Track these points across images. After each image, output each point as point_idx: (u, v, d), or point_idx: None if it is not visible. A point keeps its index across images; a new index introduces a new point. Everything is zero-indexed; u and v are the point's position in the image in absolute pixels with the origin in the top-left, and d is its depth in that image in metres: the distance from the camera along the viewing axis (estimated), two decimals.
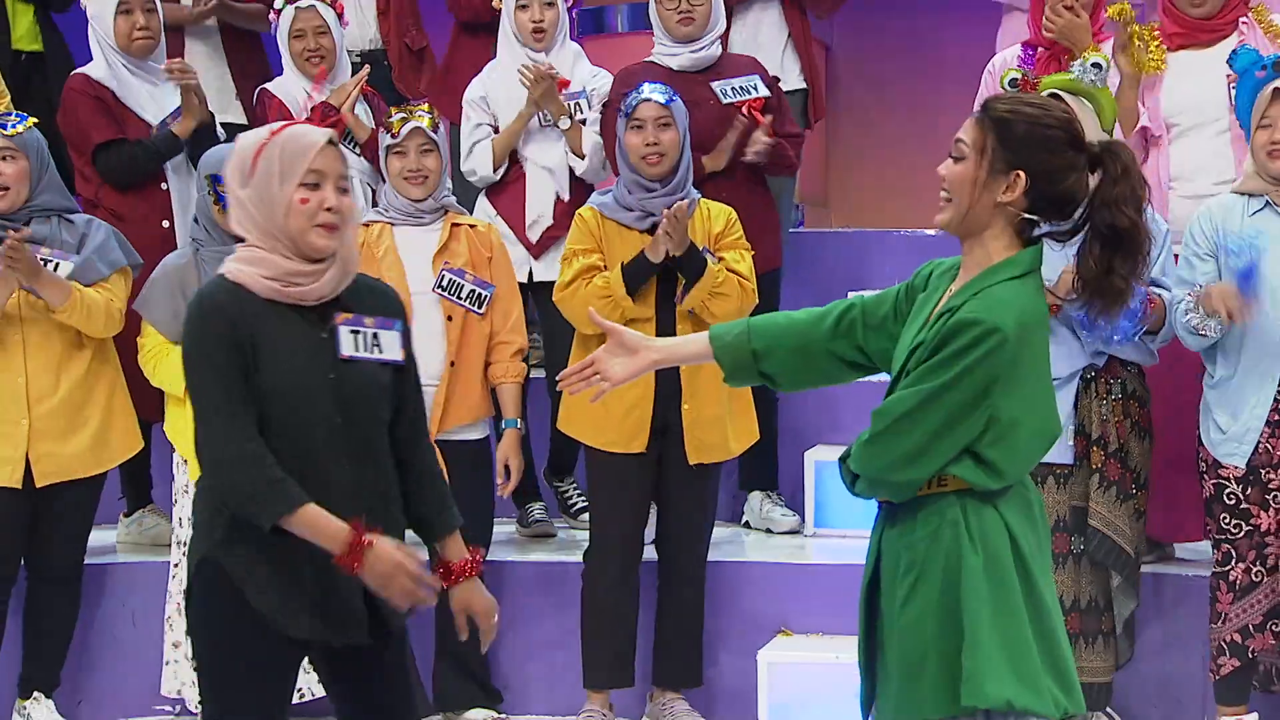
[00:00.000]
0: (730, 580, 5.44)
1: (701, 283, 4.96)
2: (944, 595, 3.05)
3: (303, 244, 3.27)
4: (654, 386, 4.99)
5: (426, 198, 5.11)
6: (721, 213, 5.15)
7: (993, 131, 3.05)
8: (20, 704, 5.28)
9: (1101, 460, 4.82)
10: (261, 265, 3.28)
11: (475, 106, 5.83)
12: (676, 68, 5.69)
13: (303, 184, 3.25)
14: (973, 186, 3.05)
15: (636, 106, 5.06)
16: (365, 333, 3.35)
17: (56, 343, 5.11)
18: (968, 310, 3.03)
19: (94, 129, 5.70)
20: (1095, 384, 4.86)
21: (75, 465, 5.15)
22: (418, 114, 5.12)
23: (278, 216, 3.26)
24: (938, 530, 3.07)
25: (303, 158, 3.26)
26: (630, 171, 5.08)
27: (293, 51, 5.88)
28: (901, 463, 3.06)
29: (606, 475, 5.10)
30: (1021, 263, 3.06)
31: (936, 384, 3.02)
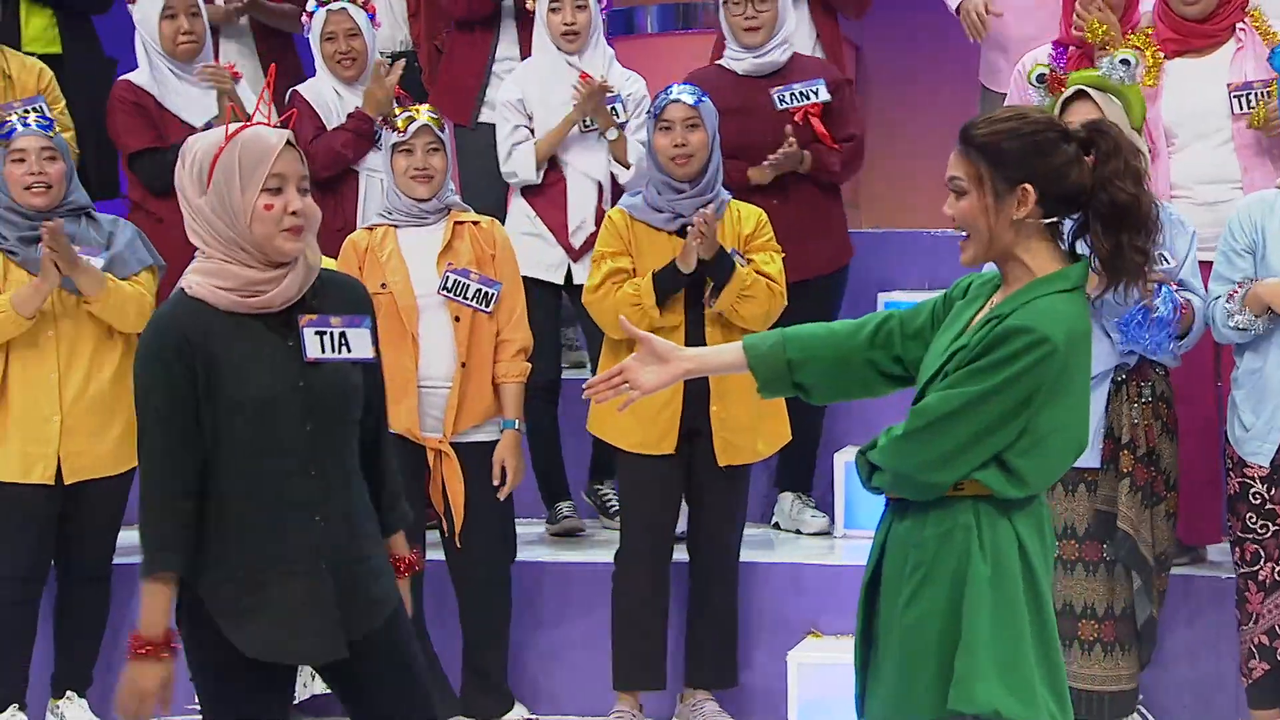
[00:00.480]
0: (760, 581, 5.43)
1: (730, 286, 4.96)
2: (950, 599, 3.04)
3: (269, 250, 3.19)
4: (683, 388, 4.99)
5: (431, 197, 5.08)
6: (751, 214, 5.14)
7: (982, 158, 3.04)
8: (53, 703, 5.31)
9: (1131, 464, 4.79)
10: (219, 277, 3.21)
11: (512, 109, 5.83)
12: (741, 72, 5.72)
13: (265, 189, 3.18)
14: (985, 216, 3.04)
15: (665, 107, 5.06)
16: (332, 332, 3.27)
17: (88, 341, 5.15)
18: (1018, 318, 3.00)
19: (130, 136, 5.77)
20: (1126, 387, 4.82)
21: (105, 463, 5.18)
22: (423, 112, 5.09)
23: (241, 224, 3.18)
24: (949, 533, 3.05)
25: (263, 162, 3.17)
26: (659, 173, 5.08)
27: (324, 54, 5.90)
28: (934, 464, 3.03)
29: (636, 477, 5.09)
30: (1070, 277, 3.05)
31: (981, 388, 2.99)
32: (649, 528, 5.11)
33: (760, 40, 5.72)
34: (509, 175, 5.85)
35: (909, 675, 3.07)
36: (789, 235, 5.34)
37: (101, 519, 5.23)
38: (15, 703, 5.20)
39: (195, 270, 3.24)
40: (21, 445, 5.08)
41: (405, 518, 3.48)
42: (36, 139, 5.08)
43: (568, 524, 5.91)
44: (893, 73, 7.78)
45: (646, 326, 4.87)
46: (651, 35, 7.57)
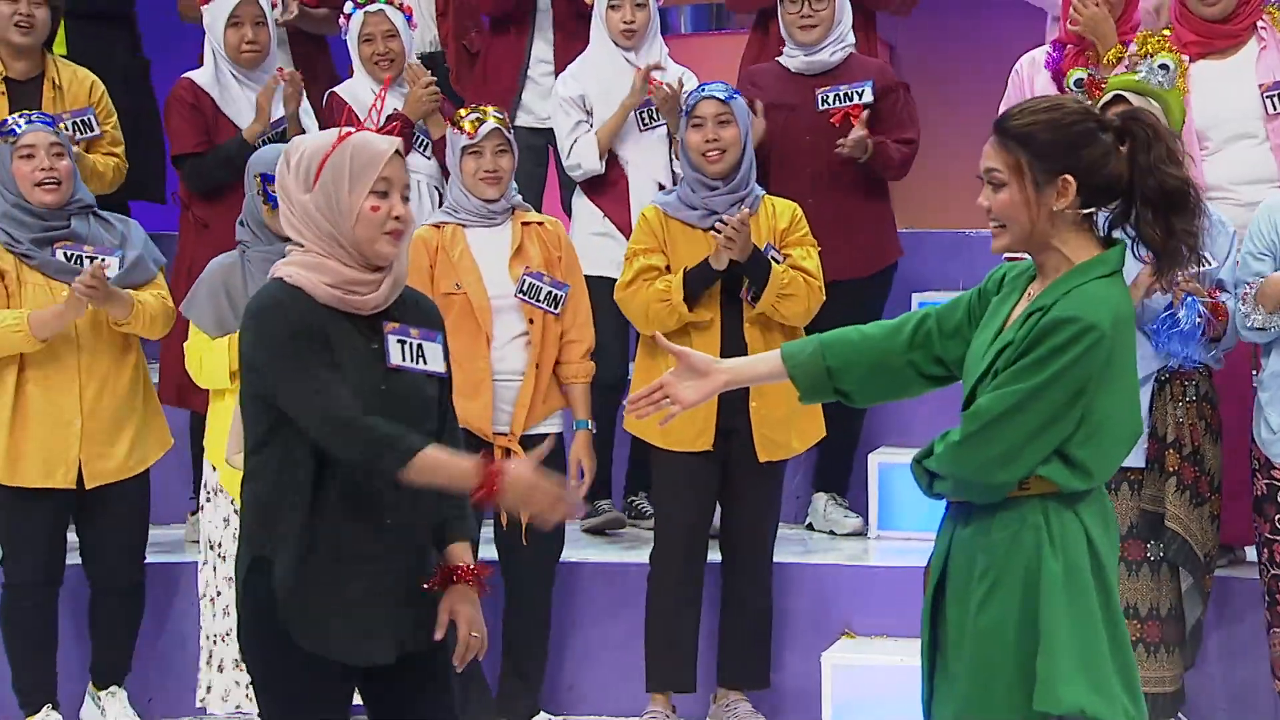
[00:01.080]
0: (794, 582, 5.42)
1: (769, 287, 4.96)
2: (1024, 601, 3.03)
3: (369, 251, 3.26)
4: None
5: (499, 198, 5.11)
6: (786, 209, 5.14)
7: (1022, 148, 3.03)
8: (95, 690, 5.32)
9: (1177, 463, 4.77)
10: (321, 271, 3.26)
11: (571, 104, 5.88)
12: (794, 70, 5.77)
13: (372, 191, 3.25)
14: (1025, 208, 3.03)
15: (697, 104, 5.07)
16: (411, 343, 3.33)
17: (107, 346, 5.16)
18: (1062, 308, 3.00)
19: (179, 137, 5.81)
20: (1170, 386, 4.80)
21: (124, 465, 5.20)
22: (491, 114, 5.12)
23: (345, 224, 3.25)
24: (1018, 534, 3.04)
25: (374, 166, 3.25)
26: (692, 170, 5.09)
27: (362, 55, 5.92)
28: (996, 464, 3.02)
29: (672, 474, 5.09)
30: (1110, 261, 3.05)
31: (1033, 383, 2.98)
32: (684, 526, 5.10)
33: (815, 39, 5.76)
34: (572, 169, 5.90)
35: (985, 679, 3.06)
36: (835, 232, 5.39)
37: (123, 523, 5.24)
38: (49, 703, 5.23)
39: (292, 262, 3.29)
40: (43, 450, 5.09)
41: (473, 530, 3.48)
42: (45, 134, 5.07)
43: (607, 517, 5.91)
44: (927, 72, 7.77)
45: (676, 323, 4.91)
46: (685, 35, 7.64)
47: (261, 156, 5.00)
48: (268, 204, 4.87)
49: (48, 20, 5.78)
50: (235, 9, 5.79)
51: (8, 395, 5.06)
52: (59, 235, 5.09)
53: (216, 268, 4.99)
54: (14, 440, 5.06)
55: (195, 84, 5.86)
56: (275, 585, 3.23)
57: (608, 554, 5.68)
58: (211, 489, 5.03)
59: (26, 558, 5.13)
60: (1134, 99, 4.71)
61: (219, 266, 4.99)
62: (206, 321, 4.96)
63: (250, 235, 4.99)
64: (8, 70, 5.78)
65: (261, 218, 4.92)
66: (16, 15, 5.69)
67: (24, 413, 5.08)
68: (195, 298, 4.99)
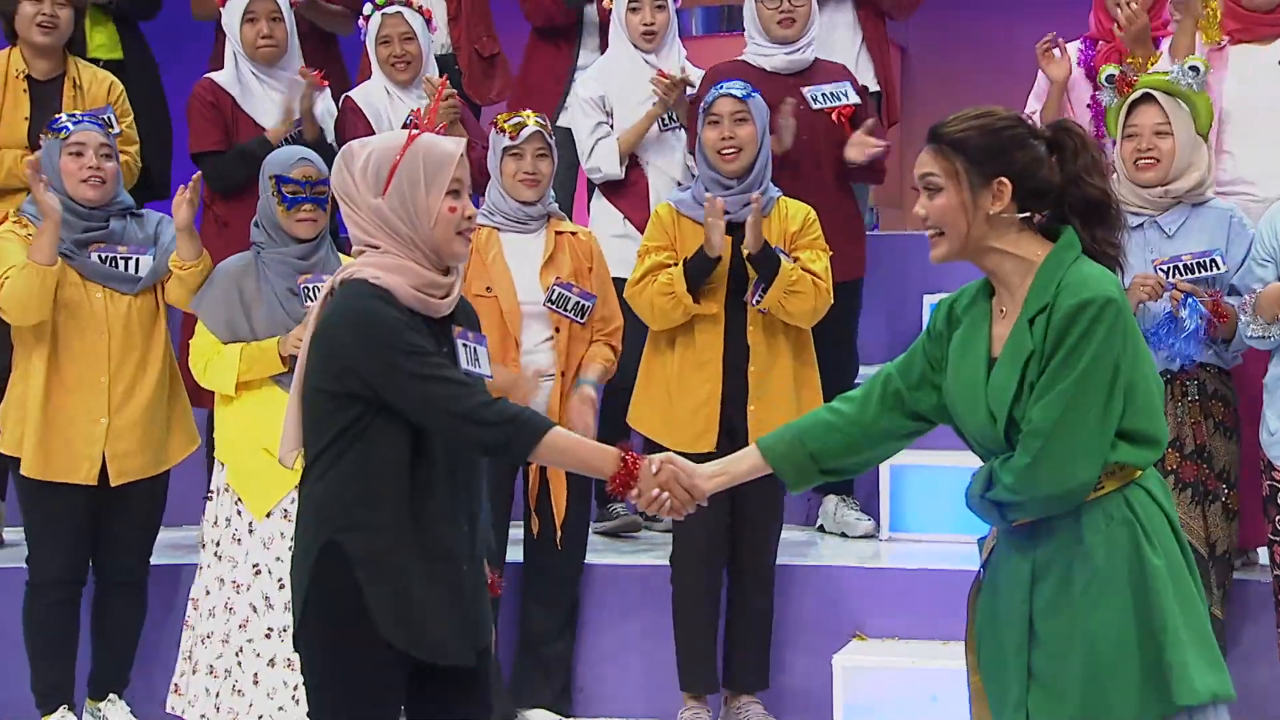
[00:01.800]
0: (805, 584, 5.40)
1: (776, 282, 4.94)
2: (1135, 599, 3.04)
3: (446, 251, 3.29)
4: (721, 386, 4.98)
5: (537, 201, 5.12)
6: (799, 211, 5.13)
7: (957, 154, 3.08)
8: (93, 705, 5.32)
9: (1177, 462, 4.78)
10: (403, 273, 3.27)
11: (592, 105, 5.89)
12: (770, 69, 5.71)
13: (448, 192, 3.28)
14: (962, 212, 3.08)
15: (714, 102, 5.07)
16: (470, 346, 3.38)
17: (137, 344, 5.18)
18: (1070, 296, 3.02)
19: (199, 136, 5.83)
20: (1171, 386, 4.81)
21: (148, 464, 5.22)
22: (533, 119, 5.13)
23: (424, 225, 3.27)
24: (1111, 534, 3.05)
25: (446, 167, 3.27)
26: (707, 168, 5.08)
27: (379, 57, 5.92)
28: (1073, 468, 3.02)
29: None
30: (1073, 245, 3.09)
31: (1076, 374, 3.00)
32: (702, 525, 5.07)
33: (794, 34, 5.73)
34: (592, 171, 5.90)
35: (1105, 682, 3.05)
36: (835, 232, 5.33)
37: (139, 520, 5.26)
38: (64, 703, 5.23)
39: (372, 264, 3.28)
40: (69, 446, 5.11)
41: (490, 541, 3.52)
42: (96, 134, 5.12)
43: (623, 520, 5.90)
44: (938, 75, 7.74)
45: (682, 315, 4.90)
46: (697, 37, 7.61)
47: (275, 158, 5.02)
48: (282, 205, 4.88)
49: (70, 20, 5.82)
50: (250, 4, 5.81)
51: (38, 390, 5.09)
52: (98, 236, 5.13)
53: (230, 268, 5.00)
54: (45, 435, 5.09)
55: (215, 84, 5.88)
56: (359, 578, 3.21)
57: (624, 557, 5.66)
58: (216, 488, 5.03)
59: (52, 553, 5.14)
60: (1162, 99, 4.78)
61: (232, 267, 5.00)
62: (216, 323, 4.96)
63: (265, 236, 4.99)
64: (30, 69, 5.82)
65: (276, 219, 4.93)
66: (40, 15, 5.74)
67: (54, 408, 5.11)
68: (206, 297, 5.00)
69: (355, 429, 3.24)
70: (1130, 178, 4.81)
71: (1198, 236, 4.81)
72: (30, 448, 5.09)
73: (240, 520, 4.94)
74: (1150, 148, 4.77)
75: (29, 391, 5.11)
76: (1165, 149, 4.77)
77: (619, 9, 5.91)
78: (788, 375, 5.03)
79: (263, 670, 4.86)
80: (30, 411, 5.10)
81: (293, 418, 3.36)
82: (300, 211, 4.92)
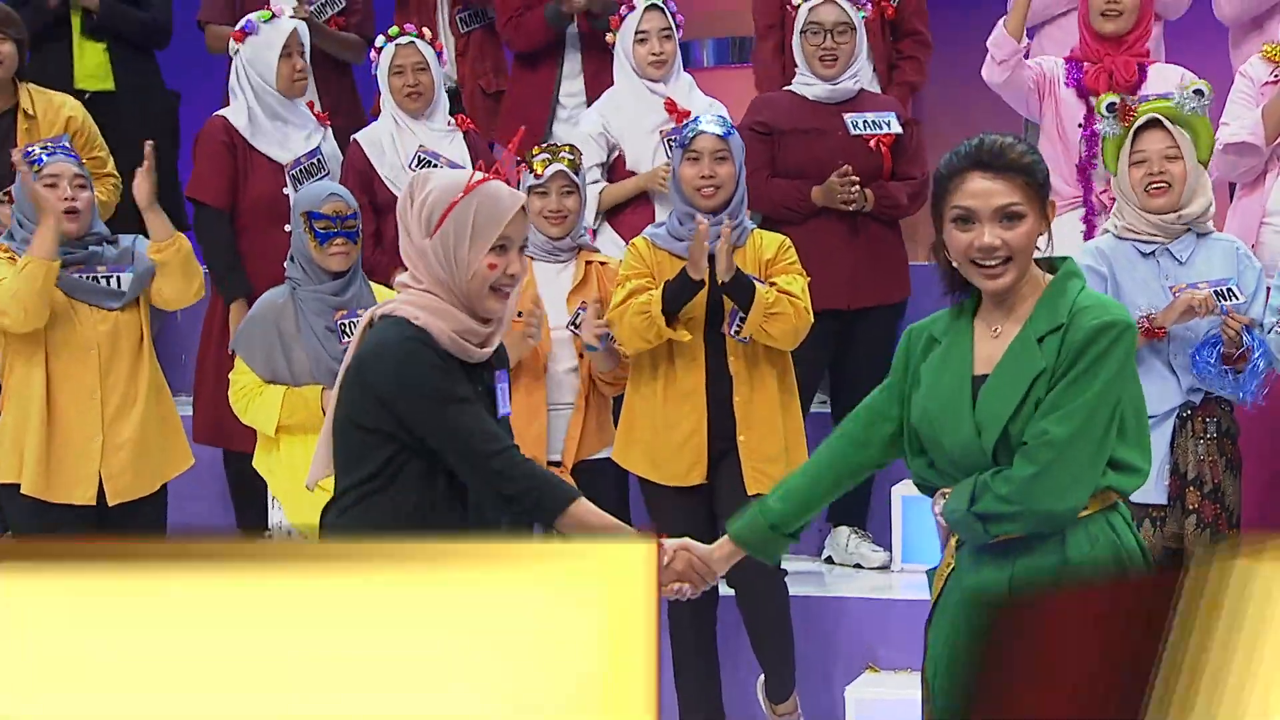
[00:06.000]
0: (817, 616, 5.36)
1: (754, 306, 4.92)
2: None
3: (477, 305, 3.26)
4: (706, 417, 4.97)
5: (564, 236, 5.17)
6: (774, 241, 5.12)
7: (1033, 182, 3.09)
8: None
9: (1197, 501, 4.74)
10: (445, 318, 3.25)
11: (593, 143, 5.90)
12: (813, 98, 5.78)
13: (493, 249, 3.24)
14: (1034, 239, 3.09)
15: (693, 139, 5.05)
16: (502, 388, 3.37)
17: (126, 359, 5.17)
18: (1090, 317, 3.04)
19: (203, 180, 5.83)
20: (1192, 423, 4.77)
21: (145, 482, 5.20)
22: (561, 155, 5.16)
23: (460, 276, 3.25)
24: (1095, 558, 3.04)
25: (497, 223, 3.23)
26: (683, 203, 5.06)
27: (392, 87, 5.92)
28: (1074, 485, 3.01)
29: (665, 510, 5.01)
30: (1077, 271, 3.13)
31: (1092, 393, 3.01)
32: None
33: (835, 72, 5.78)
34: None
35: None
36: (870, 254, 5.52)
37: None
38: None
39: (411, 303, 3.27)
40: (65, 465, 5.08)
41: None
42: (68, 165, 5.12)
43: None
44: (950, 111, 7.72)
45: (655, 336, 4.87)
46: (709, 69, 7.58)
47: (306, 194, 5.07)
48: (315, 240, 4.94)
49: (15, 54, 5.83)
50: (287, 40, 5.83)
51: (38, 408, 5.08)
52: (77, 259, 5.13)
53: (267, 306, 5.03)
54: (44, 454, 5.08)
55: (228, 123, 5.86)
56: None
57: None
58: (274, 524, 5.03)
59: None
60: (1168, 124, 4.76)
61: (270, 305, 5.03)
62: (257, 361, 4.98)
63: (300, 273, 5.02)
64: None
65: (310, 254, 4.98)
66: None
67: (52, 426, 5.10)
68: (245, 334, 5.03)
69: (387, 472, 3.23)
70: (1141, 205, 4.77)
71: (1210, 265, 4.78)
72: (31, 466, 5.06)
73: None
74: (1161, 172, 4.74)
75: (28, 411, 5.08)
76: (1176, 174, 4.74)
77: (624, 43, 5.93)
78: (773, 402, 5.01)
79: None
80: (30, 431, 5.07)
81: (324, 444, 3.35)
82: (333, 246, 4.96)
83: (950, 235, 3.09)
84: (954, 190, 3.08)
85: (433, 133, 5.92)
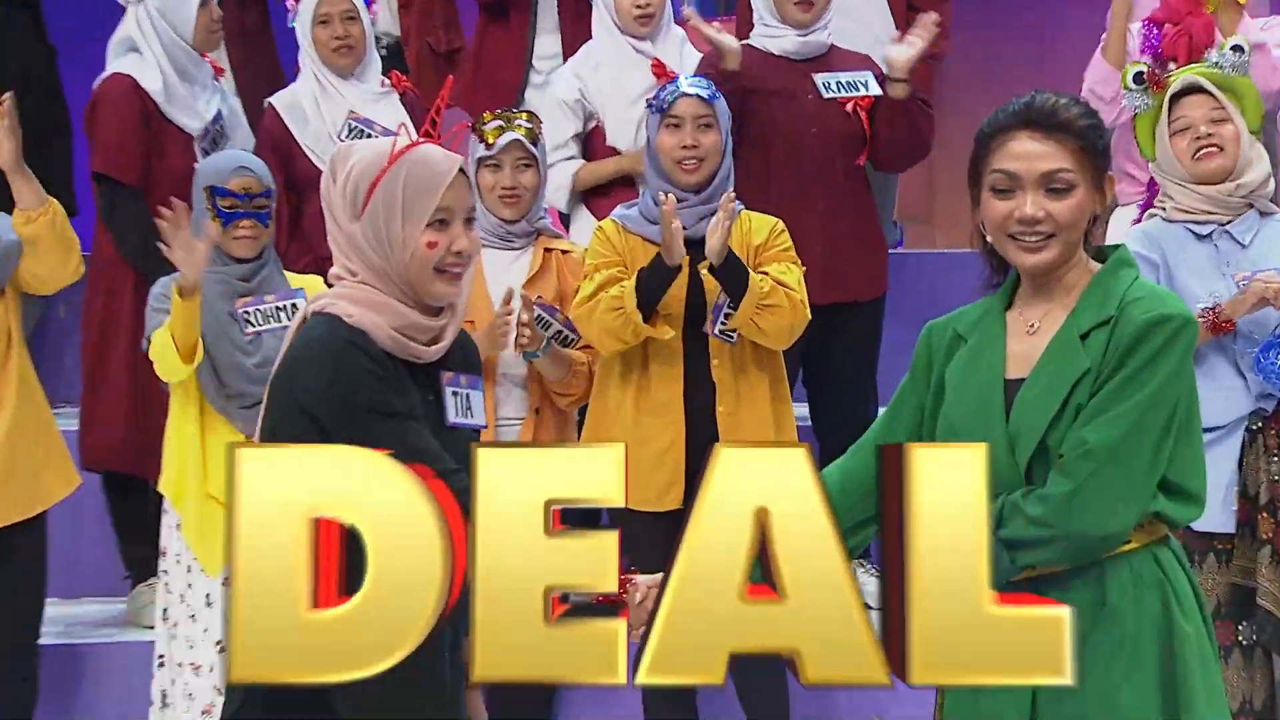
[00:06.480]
0: None
1: (747, 297, 4.54)
2: (1162, 671, 2.83)
3: (423, 293, 2.98)
4: (684, 431, 4.62)
5: (520, 219, 4.71)
6: (764, 223, 4.73)
7: (1087, 147, 2.88)
8: None
9: (1272, 529, 4.37)
10: (384, 313, 2.97)
11: (569, 111, 5.45)
12: (778, 52, 5.37)
13: (429, 224, 2.95)
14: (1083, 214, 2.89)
15: (674, 102, 4.65)
16: (462, 394, 3.10)
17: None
18: (1145, 308, 2.80)
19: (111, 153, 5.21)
20: (1263, 435, 4.40)
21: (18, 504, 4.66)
22: (517, 122, 4.69)
23: (397, 259, 2.96)
24: (1139, 596, 2.83)
25: (431, 193, 2.94)
26: (659, 178, 4.66)
27: (317, 40, 5.38)
28: (1120, 506, 2.78)
29: (638, 539, 4.63)
30: (1130, 260, 2.94)
31: (1141, 397, 2.77)
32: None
33: (810, 19, 5.37)
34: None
35: None
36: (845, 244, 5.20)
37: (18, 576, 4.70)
38: None
39: (345, 298, 2.99)
40: None
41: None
42: None
43: None
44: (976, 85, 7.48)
45: (632, 335, 4.55)
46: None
47: (210, 166, 4.67)
48: (217, 220, 4.57)
49: None
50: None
51: None
52: None
53: (162, 292, 4.57)
54: None
55: (139, 85, 5.26)
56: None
57: None
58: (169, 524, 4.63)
59: None
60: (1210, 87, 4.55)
61: (165, 289, 4.57)
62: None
63: None
64: None
65: (211, 234, 4.57)
66: None
67: None
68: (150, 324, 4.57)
69: None
70: (1192, 176, 4.51)
71: (1277, 247, 4.50)
72: None
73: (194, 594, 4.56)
74: (1210, 134, 4.50)
75: None
76: (1227, 135, 4.49)
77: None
78: (763, 413, 4.68)
79: None
80: None
81: None
82: (238, 229, 4.57)
83: (987, 205, 2.86)
84: (996, 151, 2.86)
85: (365, 95, 5.39)
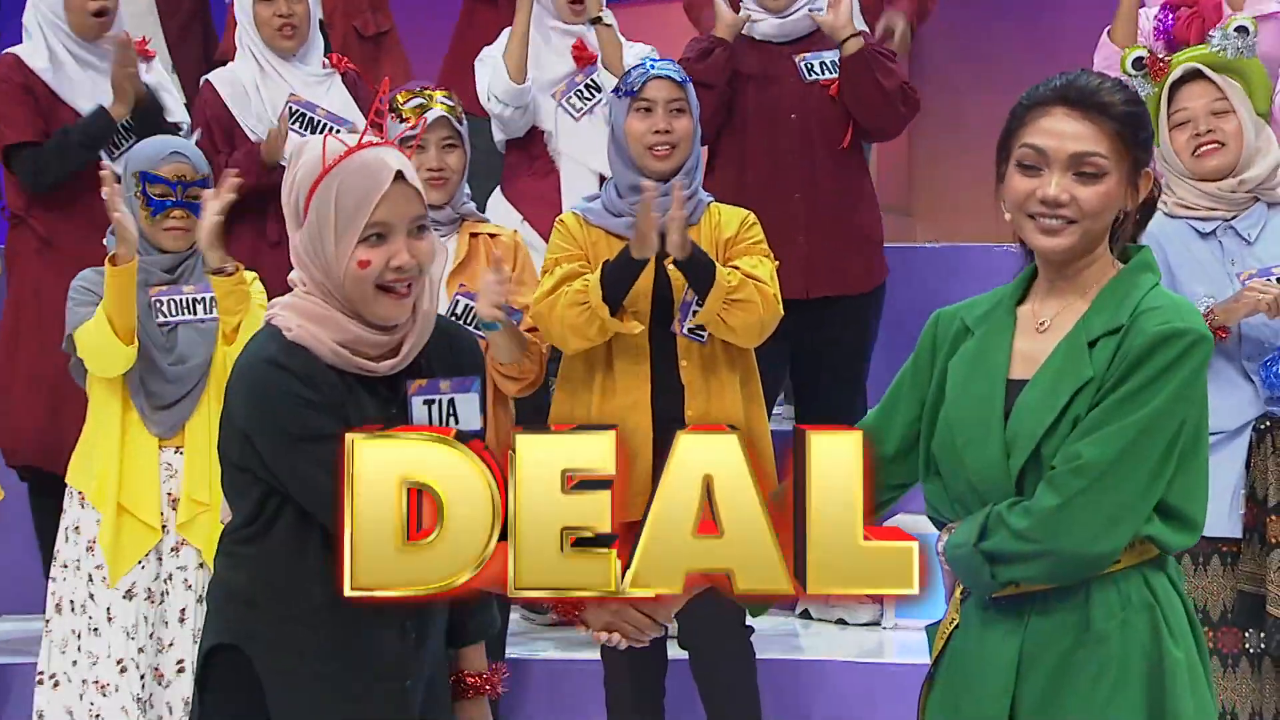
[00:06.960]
0: (795, 681, 5.05)
1: (714, 291, 4.38)
2: (1149, 698, 2.76)
3: (365, 311, 2.87)
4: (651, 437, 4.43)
5: (445, 204, 4.50)
6: (734, 216, 4.58)
7: (1127, 134, 2.79)
8: None
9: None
10: (327, 326, 2.86)
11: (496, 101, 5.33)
12: (759, 36, 5.35)
13: (362, 240, 2.82)
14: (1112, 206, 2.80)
15: (644, 85, 4.50)
16: (440, 400, 3.00)
17: None
18: (1160, 319, 2.72)
19: (9, 124, 5.04)
20: (1272, 436, 4.30)
21: None
22: (437, 99, 4.45)
23: (334, 275, 2.85)
24: (1127, 619, 2.76)
25: (364, 208, 2.81)
26: (627, 167, 4.49)
27: (259, 19, 5.13)
28: (1109, 527, 2.70)
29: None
30: (1153, 265, 2.86)
31: (1143, 414, 2.69)
32: None
33: (785, 2, 5.32)
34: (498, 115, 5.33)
35: None
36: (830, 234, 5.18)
37: None
38: None
39: (291, 308, 2.90)
40: None
41: (493, 625, 3.17)
42: None
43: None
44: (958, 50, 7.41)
45: (597, 333, 4.39)
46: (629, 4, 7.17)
47: (141, 151, 4.48)
48: (147, 209, 4.39)
49: None
50: None
51: None
52: None
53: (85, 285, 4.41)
54: None
55: (24, 63, 5.05)
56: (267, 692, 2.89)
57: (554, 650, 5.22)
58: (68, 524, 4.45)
59: None
60: (1210, 74, 4.46)
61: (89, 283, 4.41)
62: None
63: None
64: None
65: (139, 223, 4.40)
66: None
67: None
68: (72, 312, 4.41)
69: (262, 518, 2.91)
70: (1191, 171, 4.42)
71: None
72: None
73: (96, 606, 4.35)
74: (1210, 129, 4.42)
75: None
76: (1229, 130, 4.41)
77: None
78: (735, 417, 4.52)
79: None
80: None
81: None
82: (168, 219, 4.40)
83: (1011, 180, 2.77)
84: (1029, 125, 2.78)
85: (307, 78, 5.19)
